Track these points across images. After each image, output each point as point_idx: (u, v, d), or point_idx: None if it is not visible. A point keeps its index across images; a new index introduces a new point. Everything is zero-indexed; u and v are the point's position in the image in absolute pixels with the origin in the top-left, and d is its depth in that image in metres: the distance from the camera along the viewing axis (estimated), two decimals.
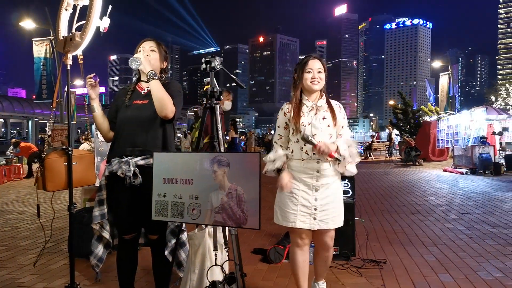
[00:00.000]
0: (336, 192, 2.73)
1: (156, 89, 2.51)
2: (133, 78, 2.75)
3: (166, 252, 2.73)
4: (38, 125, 39.10)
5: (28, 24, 15.98)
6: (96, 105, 2.65)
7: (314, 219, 2.66)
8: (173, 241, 2.70)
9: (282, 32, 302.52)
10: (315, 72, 2.73)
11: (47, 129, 43.02)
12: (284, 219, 2.71)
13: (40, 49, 14.27)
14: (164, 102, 2.52)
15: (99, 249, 2.73)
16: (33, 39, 14.31)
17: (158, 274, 2.80)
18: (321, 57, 2.85)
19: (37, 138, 37.31)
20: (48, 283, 3.56)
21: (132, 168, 2.52)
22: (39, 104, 33.73)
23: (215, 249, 2.50)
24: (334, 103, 2.81)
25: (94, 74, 2.54)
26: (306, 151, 2.66)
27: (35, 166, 13.67)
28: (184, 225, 2.75)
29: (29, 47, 14.86)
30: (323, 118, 2.70)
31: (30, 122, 36.79)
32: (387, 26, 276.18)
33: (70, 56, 2.45)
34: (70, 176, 2.38)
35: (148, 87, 2.69)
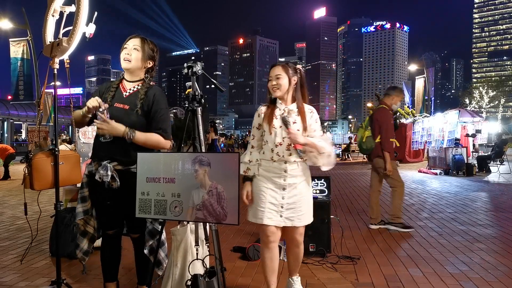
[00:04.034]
0: (303, 192, 2.84)
1: (142, 142, 2.62)
2: (112, 80, 2.80)
3: (146, 251, 2.82)
4: (13, 127, 38.38)
5: (4, 24, 15.75)
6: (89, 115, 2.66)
7: (281, 216, 2.78)
8: (151, 242, 2.79)
9: (261, 34, 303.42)
10: (274, 79, 2.81)
11: (22, 130, 42.08)
12: (254, 216, 2.85)
13: (17, 50, 14.07)
14: (157, 146, 2.67)
15: (84, 243, 2.82)
16: (10, 40, 14.10)
17: (140, 270, 2.91)
18: (286, 63, 2.90)
19: (13, 140, 36.66)
20: (31, 281, 3.61)
21: (109, 173, 2.59)
22: (15, 105, 33.18)
23: (197, 244, 2.62)
24: (307, 108, 2.88)
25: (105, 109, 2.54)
26: (277, 152, 2.79)
27: (11, 168, 13.53)
28: (164, 227, 2.87)
29: (5, 47, 14.66)
30: (294, 122, 2.79)
31: (5, 123, 36.08)
32: (365, 29, 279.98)
33: (57, 60, 2.54)
34: (57, 175, 2.47)
35: (131, 89, 2.75)
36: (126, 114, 2.68)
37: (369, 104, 41.53)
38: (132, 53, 2.71)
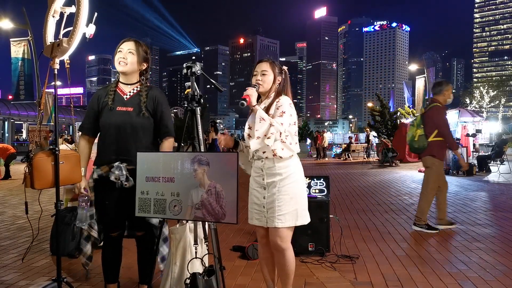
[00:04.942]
0: (281, 191, 2.67)
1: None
2: (112, 79, 2.90)
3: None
4: (14, 126, 38.46)
5: (5, 24, 15.77)
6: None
7: (265, 216, 2.72)
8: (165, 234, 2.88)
9: (262, 33, 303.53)
10: (259, 74, 2.74)
11: (23, 130, 42.22)
12: (249, 216, 2.85)
13: (18, 50, 14.09)
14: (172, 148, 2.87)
15: (88, 248, 2.87)
16: (11, 39, 14.11)
17: (142, 269, 2.94)
18: (272, 60, 2.82)
19: (13, 139, 36.74)
20: (31, 280, 3.64)
21: (124, 173, 2.67)
22: (16, 105, 33.24)
23: (195, 243, 2.64)
24: (278, 100, 2.72)
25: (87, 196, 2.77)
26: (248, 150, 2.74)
27: (13, 167, 13.56)
28: (166, 221, 2.91)
29: (5, 47, 14.69)
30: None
31: (6, 123, 36.14)
32: (366, 29, 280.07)
33: (57, 61, 2.57)
34: (57, 174, 2.50)
35: (130, 92, 2.80)
36: (131, 116, 2.75)
37: (370, 104, 41.56)
38: (127, 57, 2.76)
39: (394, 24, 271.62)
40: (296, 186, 2.73)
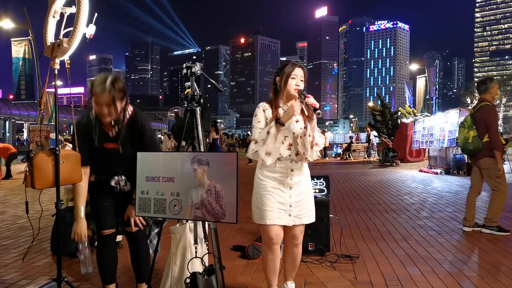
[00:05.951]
0: (307, 190, 2.89)
1: None
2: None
3: (150, 238, 2.92)
4: (15, 126, 38.52)
5: (6, 23, 15.80)
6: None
7: (290, 215, 2.77)
8: (156, 230, 2.88)
9: (263, 33, 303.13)
10: (298, 79, 2.82)
11: (24, 130, 42.26)
12: (262, 217, 2.77)
13: (18, 49, 14.11)
14: None
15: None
16: (12, 39, 14.14)
17: (137, 267, 2.94)
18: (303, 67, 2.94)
19: (14, 139, 36.79)
20: (32, 279, 3.65)
21: (123, 178, 2.72)
22: (17, 104, 33.30)
23: (195, 242, 2.66)
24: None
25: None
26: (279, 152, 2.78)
27: (13, 167, 13.59)
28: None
29: (6, 47, 14.71)
30: (297, 121, 2.80)
31: (7, 122, 36.20)
32: (367, 28, 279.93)
33: (57, 61, 2.58)
34: (58, 174, 2.51)
35: (115, 128, 2.73)
36: (118, 151, 2.74)
37: (370, 104, 41.58)
38: (106, 110, 2.63)
39: (395, 24, 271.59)
40: (311, 186, 3.00)
